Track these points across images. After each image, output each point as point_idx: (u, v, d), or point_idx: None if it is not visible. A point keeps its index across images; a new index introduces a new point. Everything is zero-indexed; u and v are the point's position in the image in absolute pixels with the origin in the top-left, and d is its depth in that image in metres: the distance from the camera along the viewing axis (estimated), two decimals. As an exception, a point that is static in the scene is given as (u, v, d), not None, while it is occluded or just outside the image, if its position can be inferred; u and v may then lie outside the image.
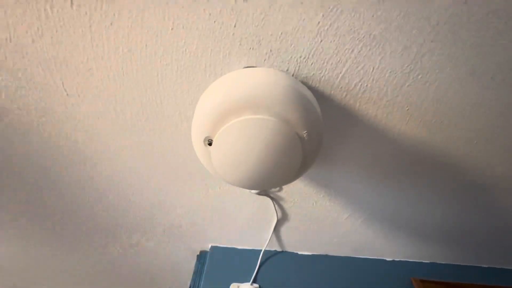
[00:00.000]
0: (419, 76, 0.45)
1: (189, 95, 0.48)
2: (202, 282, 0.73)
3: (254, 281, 0.72)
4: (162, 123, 0.53)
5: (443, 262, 0.84)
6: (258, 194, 0.65)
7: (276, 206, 0.69)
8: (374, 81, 0.46)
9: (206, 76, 0.45)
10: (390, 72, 0.45)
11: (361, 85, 0.46)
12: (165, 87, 0.47)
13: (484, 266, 0.85)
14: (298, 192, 0.66)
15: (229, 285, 0.70)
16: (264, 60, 0.43)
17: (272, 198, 0.67)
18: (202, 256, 0.82)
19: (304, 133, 0.36)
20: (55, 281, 1.00)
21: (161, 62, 0.44)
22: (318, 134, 0.39)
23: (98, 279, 0.98)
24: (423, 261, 0.83)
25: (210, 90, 0.40)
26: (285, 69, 0.44)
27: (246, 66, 0.44)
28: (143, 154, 0.59)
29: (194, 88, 0.47)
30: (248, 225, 0.75)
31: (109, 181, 0.65)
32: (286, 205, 0.69)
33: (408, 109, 0.50)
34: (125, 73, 0.46)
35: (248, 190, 0.65)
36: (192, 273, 0.81)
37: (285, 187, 0.65)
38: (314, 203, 0.68)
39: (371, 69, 0.44)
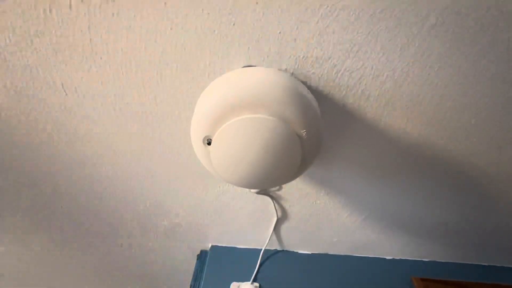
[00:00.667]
0: (419, 74, 0.45)
1: (188, 94, 0.48)
2: (202, 281, 0.73)
3: (255, 280, 0.72)
4: (161, 123, 0.53)
5: (443, 261, 0.84)
6: (258, 193, 0.65)
7: (276, 205, 0.69)
8: (373, 79, 0.46)
9: (205, 75, 0.45)
10: (389, 70, 0.45)
11: (360, 83, 0.46)
12: (164, 87, 0.47)
13: (484, 264, 0.85)
14: (298, 191, 0.66)
15: (230, 284, 0.71)
16: (263, 60, 0.43)
17: (272, 197, 0.67)
18: (202, 256, 0.82)
19: (303, 132, 0.36)
20: (55, 281, 1.00)
21: (160, 62, 0.44)
22: (317, 133, 0.39)
23: (99, 279, 0.98)
24: (423, 260, 0.83)
25: (209, 89, 0.41)
26: (284, 68, 0.44)
27: (245, 65, 0.44)
28: (143, 154, 0.59)
29: (193, 88, 0.47)
30: (248, 224, 0.75)
31: (109, 182, 0.65)
32: (286, 204, 0.69)
33: (408, 107, 0.50)
34: (124, 73, 0.46)
35: (247, 189, 0.65)
36: (192, 272, 0.82)
37: (285, 186, 0.65)
38: (314, 202, 0.68)
39: (370, 67, 0.44)
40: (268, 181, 0.39)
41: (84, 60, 0.44)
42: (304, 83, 0.45)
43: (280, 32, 0.41)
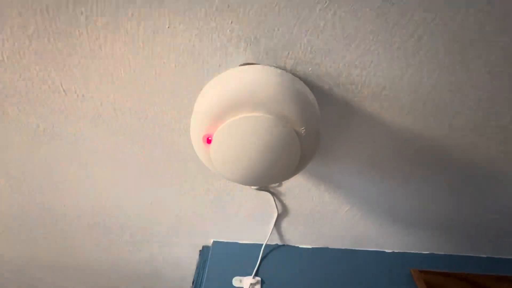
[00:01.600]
0: (417, 70, 0.45)
1: (187, 93, 0.48)
2: (205, 276, 0.74)
3: (256, 275, 0.73)
4: (161, 122, 0.53)
5: (442, 253, 0.85)
6: (258, 189, 0.66)
7: (276, 201, 0.69)
8: (372, 76, 0.46)
9: (203, 74, 0.45)
10: (388, 66, 0.45)
11: (359, 79, 0.46)
12: (163, 85, 0.47)
13: (483, 256, 0.86)
14: (298, 187, 0.67)
15: (232, 278, 0.72)
16: (261, 57, 0.43)
17: (272, 193, 0.68)
18: (204, 251, 0.83)
19: (302, 130, 0.37)
20: (61, 278, 1.01)
21: (159, 60, 0.44)
22: (316, 130, 0.39)
23: (104, 276, 1.00)
24: (422, 252, 0.84)
25: (208, 88, 0.41)
26: (283, 66, 0.44)
27: (244, 63, 0.44)
28: (143, 153, 0.59)
29: (192, 86, 0.47)
30: (249, 220, 0.76)
31: (110, 181, 0.66)
32: (286, 200, 0.70)
33: (406, 103, 0.50)
34: (123, 72, 0.46)
35: (248, 186, 0.66)
36: (195, 267, 0.83)
37: (285, 182, 0.66)
38: (314, 198, 0.69)
39: (369, 63, 0.44)
40: (267, 178, 0.40)
41: (83, 60, 0.44)
42: (302, 80, 0.45)
43: (278, 29, 0.40)
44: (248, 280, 0.70)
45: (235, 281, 0.71)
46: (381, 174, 0.64)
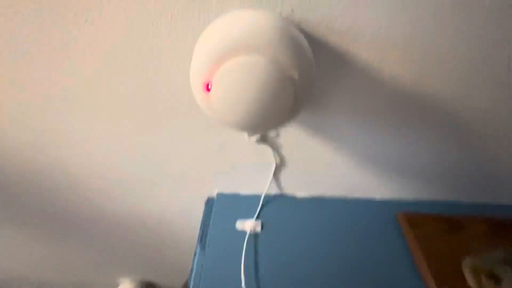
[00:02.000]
0: (415, 17, 0.45)
1: (185, 43, 0.49)
2: (211, 222, 0.82)
3: (257, 219, 0.81)
4: (162, 77, 0.54)
5: (433, 199, 0.90)
6: (257, 141, 0.69)
7: (274, 152, 0.74)
8: (368, 23, 0.46)
9: (200, 22, 0.46)
10: (384, 13, 0.44)
11: (354, 27, 0.47)
12: (160, 37, 0.48)
13: (465, 201, 0.92)
14: (294, 139, 0.70)
15: (235, 222, 0.79)
16: (257, 2, 0.43)
17: (270, 145, 0.72)
18: (209, 202, 0.90)
19: (295, 74, 0.38)
20: (74, 229, 1.10)
21: (154, 10, 0.44)
22: (309, 75, 0.41)
23: (115, 226, 1.08)
24: (409, 198, 0.91)
25: (204, 35, 0.42)
26: (278, 11, 0.44)
27: (239, 9, 0.44)
28: (145, 109, 0.61)
29: (189, 36, 0.48)
30: (250, 172, 0.81)
31: (115, 139, 0.68)
32: (284, 151, 0.74)
33: (402, 53, 0.50)
34: (120, 24, 0.46)
35: (247, 139, 0.69)
36: (201, 216, 0.90)
37: (282, 134, 0.69)
38: (310, 148, 0.73)
39: (365, 10, 0.44)
40: (263, 123, 0.42)
41: (79, 12, 0.45)
42: (298, 27, 0.46)
43: (272, -27, 0.40)
44: (250, 222, 0.78)
45: (239, 223, 0.79)
46: (375, 124, 0.66)
